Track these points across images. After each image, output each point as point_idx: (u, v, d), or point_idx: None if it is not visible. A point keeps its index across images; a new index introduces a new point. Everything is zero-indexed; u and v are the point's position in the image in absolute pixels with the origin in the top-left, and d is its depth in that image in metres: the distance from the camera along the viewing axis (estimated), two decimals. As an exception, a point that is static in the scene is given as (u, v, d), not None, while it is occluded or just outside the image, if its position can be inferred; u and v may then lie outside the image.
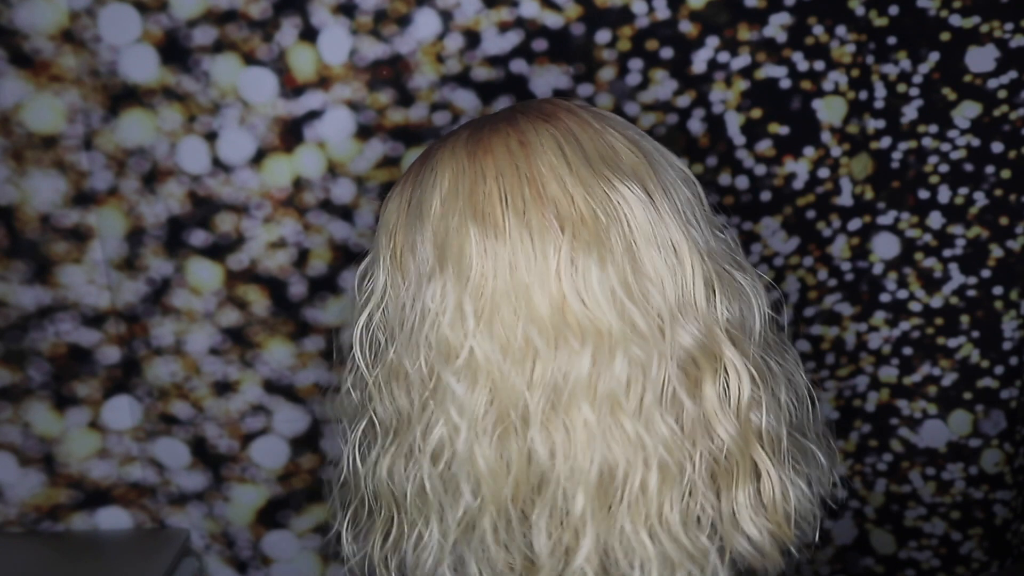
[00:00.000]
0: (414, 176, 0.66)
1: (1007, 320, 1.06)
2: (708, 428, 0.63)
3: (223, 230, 0.96)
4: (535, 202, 0.61)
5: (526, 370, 0.61)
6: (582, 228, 0.61)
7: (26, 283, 0.96)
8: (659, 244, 0.62)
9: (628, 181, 0.62)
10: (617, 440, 0.61)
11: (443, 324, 0.62)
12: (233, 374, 1.00)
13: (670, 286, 0.62)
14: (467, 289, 0.61)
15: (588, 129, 0.64)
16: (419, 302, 0.63)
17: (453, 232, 0.62)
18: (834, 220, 1.02)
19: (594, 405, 0.61)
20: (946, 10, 0.96)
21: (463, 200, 0.62)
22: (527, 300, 0.60)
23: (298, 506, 1.04)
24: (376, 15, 0.92)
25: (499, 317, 0.61)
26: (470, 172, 0.63)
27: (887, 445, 1.10)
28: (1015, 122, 1.00)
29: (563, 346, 0.60)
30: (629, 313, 0.60)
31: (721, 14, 0.94)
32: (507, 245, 0.61)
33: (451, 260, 0.62)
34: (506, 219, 0.61)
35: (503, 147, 0.63)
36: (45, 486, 1.03)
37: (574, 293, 0.60)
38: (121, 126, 0.93)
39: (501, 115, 0.66)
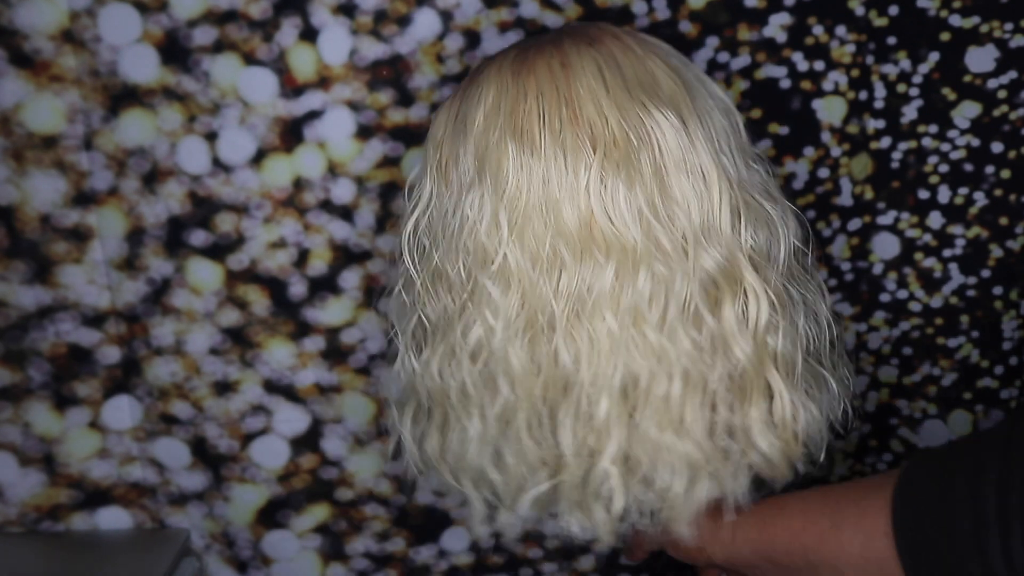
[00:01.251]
0: (462, 92, 0.70)
1: (1007, 320, 1.06)
2: (726, 346, 0.65)
3: (223, 230, 0.96)
4: (570, 122, 0.64)
5: (553, 279, 0.65)
6: (613, 149, 0.64)
7: (26, 283, 0.96)
8: (688, 169, 0.65)
9: (663, 107, 0.65)
10: (640, 350, 0.64)
11: (480, 232, 0.66)
12: (233, 374, 1.00)
13: (696, 210, 0.65)
14: (503, 200, 0.65)
15: (630, 55, 0.67)
16: (459, 210, 0.68)
17: (493, 146, 0.66)
18: (834, 220, 1.02)
19: (617, 316, 0.64)
20: (946, 10, 0.96)
21: (504, 116, 0.66)
22: (557, 214, 0.64)
23: (298, 506, 1.04)
24: (376, 15, 0.92)
25: (530, 228, 0.65)
26: (513, 90, 0.66)
27: (887, 445, 1.10)
28: (1015, 122, 1.00)
29: (588, 259, 0.64)
30: (654, 232, 0.64)
31: (721, 14, 0.94)
32: (541, 161, 0.64)
33: (489, 172, 0.66)
34: (542, 137, 0.64)
35: (545, 67, 0.66)
36: (45, 486, 1.03)
37: (601, 210, 0.64)
38: (121, 126, 0.93)
39: (548, 37, 0.70)
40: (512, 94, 0.66)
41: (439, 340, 0.71)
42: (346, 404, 1.02)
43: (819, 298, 0.74)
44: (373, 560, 1.07)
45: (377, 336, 1.00)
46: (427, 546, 1.07)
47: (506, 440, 0.69)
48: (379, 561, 1.07)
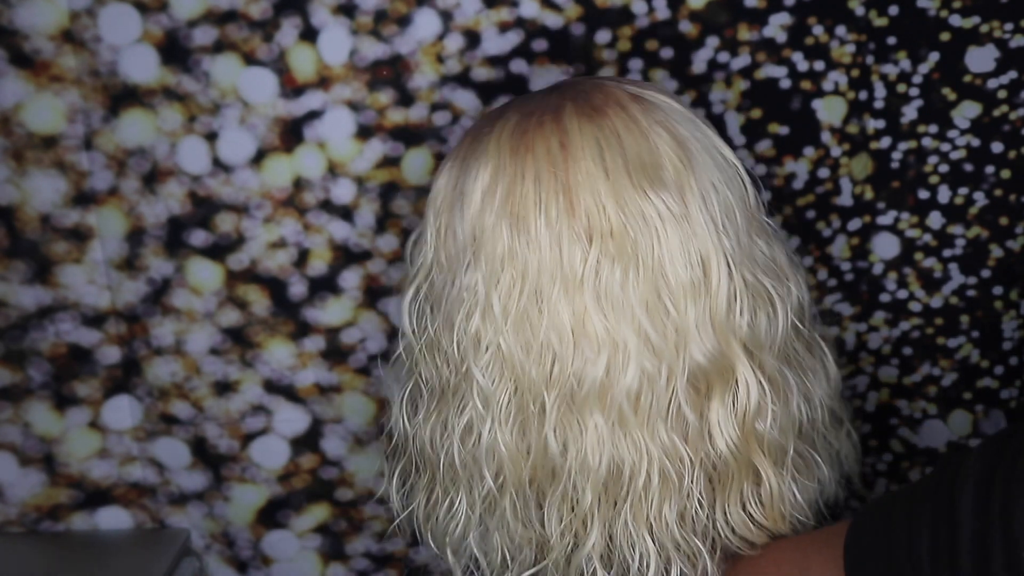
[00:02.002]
0: (462, 157, 0.68)
1: (1007, 320, 1.06)
2: (711, 439, 0.65)
3: (223, 230, 0.96)
4: (567, 212, 0.63)
5: (545, 369, 0.64)
6: (610, 241, 0.62)
7: (26, 283, 0.96)
8: (688, 260, 0.63)
9: (664, 193, 0.63)
10: (624, 443, 0.64)
11: (475, 316, 0.65)
12: (233, 374, 1.00)
13: (691, 303, 0.63)
14: (497, 288, 0.64)
15: (634, 130, 0.65)
16: (455, 287, 0.67)
17: (489, 229, 0.65)
18: (834, 220, 1.02)
19: (604, 410, 0.64)
20: (946, 10, 0.96)
21: (500, 199, 0.64)
22: (551, 307, 0.63)
23: (298, 506, 1.04)
24: (376, 15, 0.92)
25: (526, 318, 0.64)
26: (510, 170, 0.64)
27: (887, 445, 1.10)
28: (1015, 122, 1.00)
29: (580, 352, 0.63)
30: (645, 329, 0.63)
31: (721, 14, 0.94)
32: (537, 251, 0.63)
33: (485, 256, 0.65)
34: (537, 225, 0.63)
35: (544, 148, 0.64)
36: (45, 486, 1.03)
37: (595, 304, 0.63)
38: (121, 126, 0.93)
39: (551, 101, 0.67)
40: (509, 175, 0.64)
41: (433, 408, 0.70)
42: (346, 404, 1.02)
43: (820, 376, 0.73)
44: (373, 560, 1.07)
45: (377, 336, 1.00)
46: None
47: (491, 518, 0.70)
48: (379, 561, 1.07)
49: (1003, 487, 0.51)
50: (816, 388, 0.72)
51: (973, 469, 0.54)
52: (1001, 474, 0.52)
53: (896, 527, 0.57)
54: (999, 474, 0.52)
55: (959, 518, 0.53)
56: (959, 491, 0.53)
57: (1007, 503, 0.51)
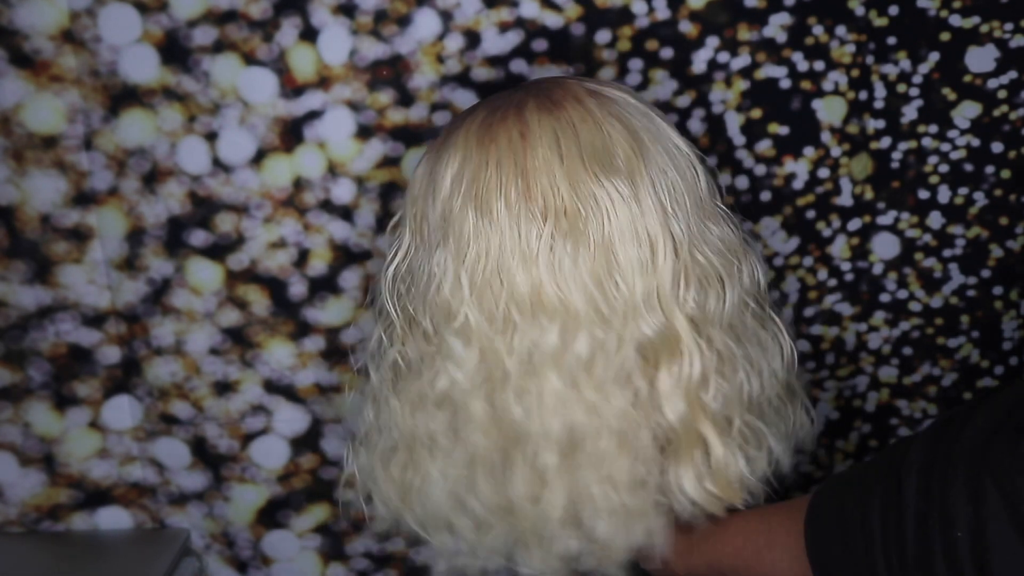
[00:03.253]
0: (436, 150, 0.74)
1: (1007, 320, 1.06)
2: (658, 407, 0.71)
3: (223, 230, 0.96)
4: (524, 194, 0.69)
5: (507, 338, 0.70)
6: (563, 220, 0.68)
7: (26, 283, 0.96)
8: (636, 238, 0.69)
9: (615, 178, 0.69)
10: (579, 407, 0.70)
11: (444, 289, 0.71)
12: (233, 374, 1.00)
13: (639, 279, 0.69)
14: (464, 264, 0.70)
15: (588, 121, 0.70)
16: (427, 266, 0.73)
17: (456, 212, 0.70)
18: (834, 220, 1.02)
19: (560, 375, 0.70)
20: (946, 10, 0.96)
21: (466, 184, 0.70)
22: (510, 279, 0.69)
23: (298, 506, 1.04)
24: (376, 15, 0.92)
25: (489, 291, 0.70)
26: (476, 158, 0.70)
27: (887, 445, 1.10)
28: (1015, 122, 1.00)
29: (536, 321, 0.69)
30: (595, 300, 0.68)
31: (721, 14, 0.94)
32: (497, 230, 0.69)
33: (453, 236, 0.71)
34: (498, 207, 0.69)
35: (506, 138, 0.70)
36: (45, 486, 1.03)
37: (550, 277, 0.68)
38: (121, 126, 0.93)
39: (515, 99, 0.73)
40: (475, 162, 0.70)
41: (412, 382, 0.76)
42: (346, 404, 1.02)
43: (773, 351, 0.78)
44: (373, 560, 1.07)
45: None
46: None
47: (467, 485, 0.75)
48: (379, 561, 1.07)
49: (940, 472, 0.57)
50: (767, 362, 0.77)
51: (916, 455, 0.59)
52: (940, 460, 0.58)
53: (850, 506, 0.62)
54: (938, 460, 0.58)
55: (905, 501, 0.58)
56: (905, 475, 0.59)
57: (943, 487, 0.57)
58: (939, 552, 0.56)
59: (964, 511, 0.55)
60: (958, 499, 0.55)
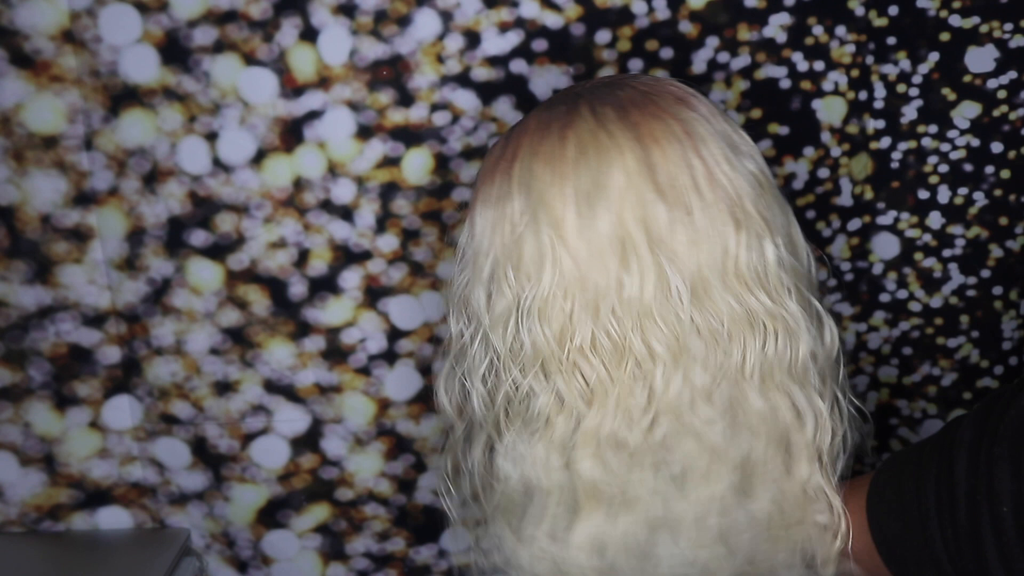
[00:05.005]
0: (575, 166, 0.63)
1: (1007, 320, 1.06)
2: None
3: (223, 230, 0.96)
4: (711, 189, 0.62)
5: (734, 350, 0.64)
6: (749, 221, 0.63)
7: (27, 283, 0.96)
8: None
9: (753, 163, 0.66)
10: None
11: (660, 301, 0.62)
12: (233, 374, 1.00)
13: (808, 272, 0.68)
14: (674, 266, 0.62)
15: (715, 112, 0.66)
16: (621, 278, 0.62)
17: (646, 205, 0.62)
18: (834, 220, 1.02)
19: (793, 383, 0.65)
20: (946, 10, 0.96)
21: (645, 179, 0.62)
22: (716, 282, 0.62)
23: (298, 506, 1.04)
24: (376, 15, 0.92)
25: (702, 290, 0.62)
26: (640, 153, 0.62)
27: (887, 445, 1.10)
28: (1015, 122, 1.00)
29: (752, 329, 0.63)
30: (803, 297, 0.65)
31: (721, 14, 0.94)
32: (696, 228, 0.62)
33: (649, 237, 0.62)
34: (691, 204, 0.62)
35: (670, 133, 0.63)
36: (45, 486, 1.03)
37: (754, 279, 0.63)
38: (121, 126, 0.93)
39: (637, 97, 0.65)
40: (642, 160, 0.62)
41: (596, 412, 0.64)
42: (346, 404, 1.02)
43: None
44: (373, 560, 1.07)
45: (377, 336, 1.00)
46: (427, 546, 1.07)
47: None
48: (379, 561, 1.07)
49: (987, 449, 0.58)
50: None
51: (967, 432, 0.61)
52: (986, 437, 0.59)
53: (908, 484, 0.64)
54: (984, 438, 0.59)
55: (956, 478, 0.60)
56: (956, 452, 0.60)
57: (990, 463, 0.58)
58: (988, 527, 0.57)
59: (1009, 487, 0.56)
60: (1003, 475, 0.57)
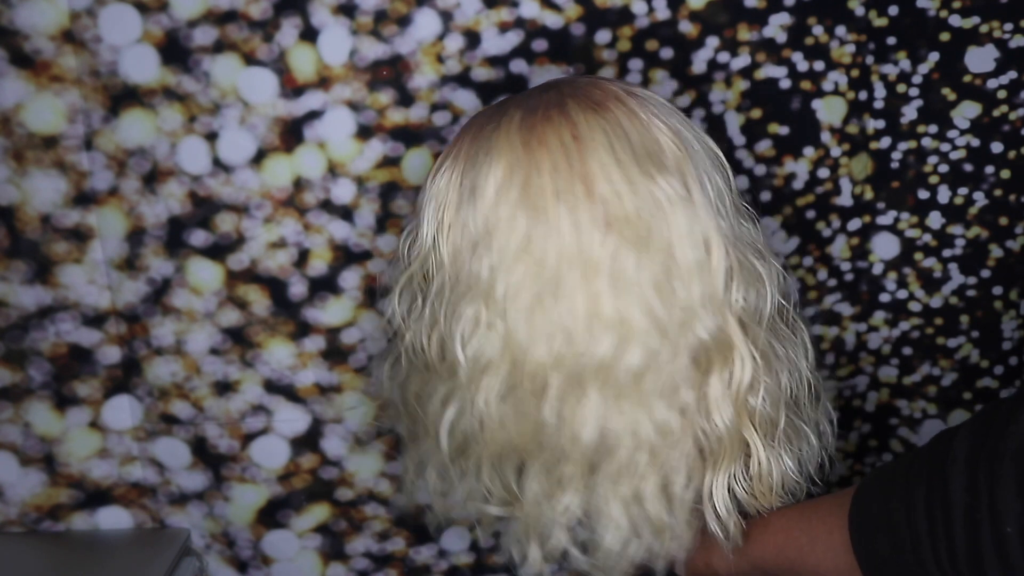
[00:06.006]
0: (466, 155, 0.69)
1: (1007, 320, 1.06)
2: (707, 414, 0.68)
3: (223, 230, 0.96)
4: (586, 200, 0.65)
5: (552, 350, 0.66)
6: (626, 226, 0.64)
7: (26, 283, 0.96)
8: (692, 240, 0.66)
9: (670, 178, 0.66)
10: (618, 419, 0.66)
11: (479, 301, 0.67)
12: (233, 374, 1.00)
13: (696, 281, 0.66)
14: (512, 272, 0.66)
15: (635, 121, 0.67)
16: (465, 275, 0.68)
17: (505, 220, 0.66)
18: (834, 220, 1.02)
19: (603, 387, 0.66)
20: (946, 10, 0.96)
21: (517, 191, 0.66)
22: (567, 291, 0.65)
23: (298, 506, 1.04)
24: (376, 15, 0.92)
25: (540, 303, 0.65)
26: (525, 164, 0.66)
27: (887, 445, 1.11)
28: (1015, 122, 1.00)
29: (590, 334, 0.65)
30: (654, 309, 0.65)
31: (721, 14, 0.94)
32: (557, 239, 0.65)
33: (497, 246, 0.66)
34: (558, 214, 0.65)
35: (557, 140, 0.66)
36: (45, 486, 1.03)
37: (610, 287, 0.64)
38: (121, 126, 0.93)
39: (551, 98, 0.69)
40: (524, 168, 0.66)
41: (422, 378, 0.73)
42: (346, 404, 1.02)
43: (801, 352, 0.75)
44: (373, 560, 1.07)
45: (377, 336, 1.00)
46: (427, 546, 1.07)
47: (463, 473, 0.73)
48: (379, 561, 1.07)
49: (986, 466, 0.56)
50: (800, 361, 0.74)
51: (961, 449, 0.58)
52: (986, 454, 0.56)
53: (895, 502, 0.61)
54: (984, 454, 0.57)
55: (951, 497, 0.57)
56: (950, 470, 0.58)
57: (991, 482, 0.55)
58: (990, 548, 0.55)
59: (1013, 507, 0.54)
60: (1007, 494, 0.55)
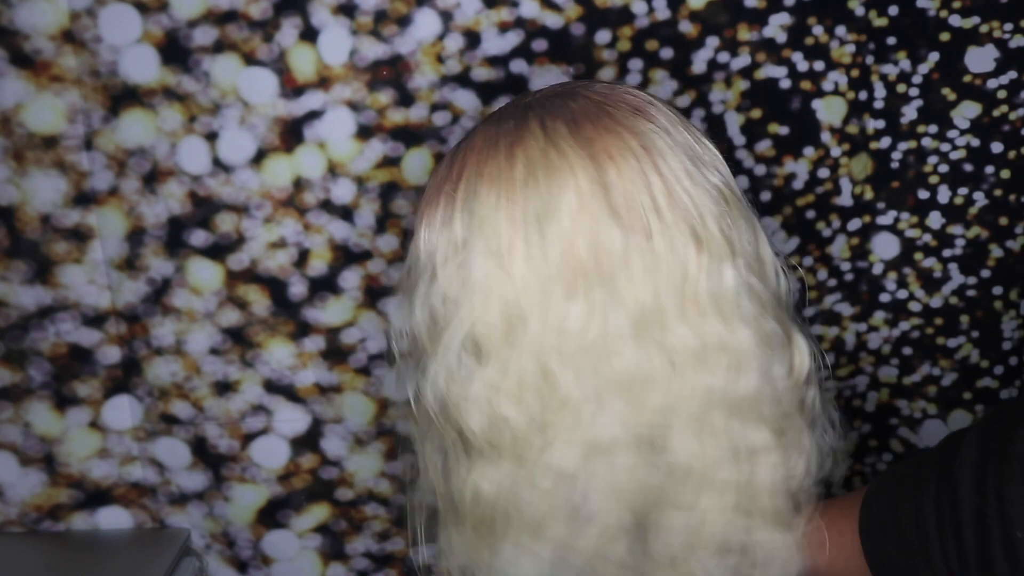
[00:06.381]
0: (522, 189, 0.59)
1: (1007, 320, 1.06)
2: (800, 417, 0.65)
3: (223, 230, 0.96)
4: (670, 208, 0.58)
5: (678, 383, 0.58)
6: (711, 242, 0.58)
7: (27, 283, 0.96)
8: (763, 236, 0.63)
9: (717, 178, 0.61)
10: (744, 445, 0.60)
11: (602, 334, 0.58)
12: (233, 374, 1.00)
13: (771, 274, 0.63)
14: (623, 301, 0.57)
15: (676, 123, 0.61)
16: (561, 310, 0.58)
17: (598, 232, 0.57)
18: (834, 220, 1.02)
19: (726, 413, 0.59)
20: (946, 10, 0.96)
21: (599, 202, 0.58)
22: (670, 317, 0.58)
23: (298, 506, 1.04)
24: (376, 15, 0.92)
25: (653, 329, 0.58)
26: (594, 174, 0.58)
27: (887, 445, 1.10)
28: (1015, 122, 1.00)
29: (707, 366, 0.58)
30: (762, 324, 0.60)
31: (721, 14, 0.94)
32: (654, 255, 0.57)
33: (599, 267, 0.57)
34: (650, 226, 0.57)
35: (627, 150, 0.59)
36: (46, 486, 1.03)
37: (715, 309, 0.58)
38: (121, 126, 0.93)
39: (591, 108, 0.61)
40: (596, 181, 0.58)
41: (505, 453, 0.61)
42: (346, 404, 1.02)
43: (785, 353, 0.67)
44: (373, 560, 1.07)
45: (377, 336, 1.00)
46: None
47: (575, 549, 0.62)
48: (379, 561, 1.07)
49: (996, 469, 0.55)
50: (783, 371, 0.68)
51: (969, 452, 0.57)
52: (994, 457, 0.56)
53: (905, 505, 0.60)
54: (992, 457, 0.56)
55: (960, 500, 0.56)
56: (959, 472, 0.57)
57: (1000, 485, 0.55)
58: (1000, 552, 0.54)
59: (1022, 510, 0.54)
60: (1016, 498, 0.54)
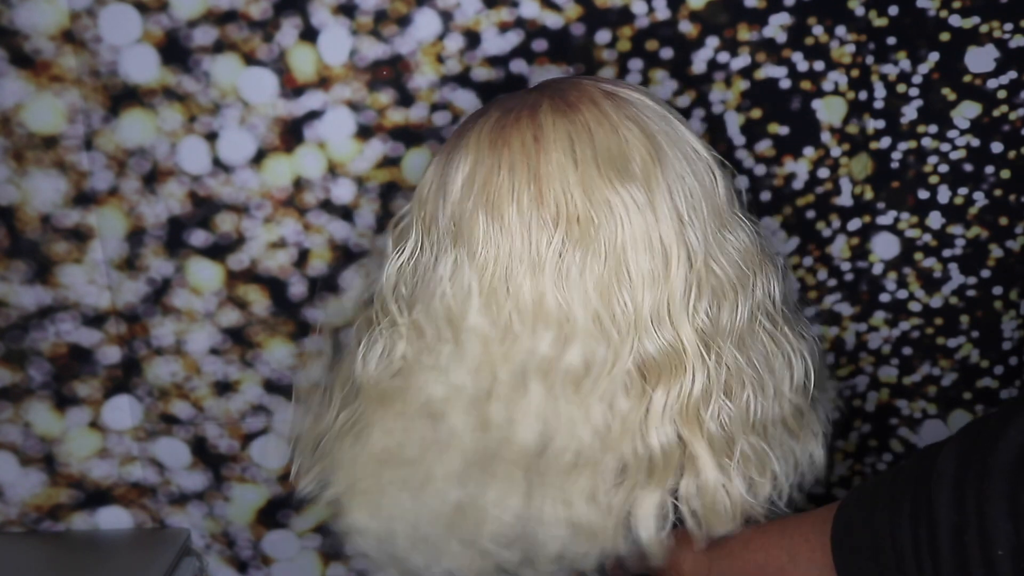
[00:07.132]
0: (448, 151, 0.72)
1: (1007, 320, 1.06)
2: (645, 428, 0.68)
3: (223, 230, 0.96)
4: (536, 200, 0.67)
5: (504, 347, 0.68)
6: (575, 227, 0.66)
7: (26, 283, 0.96)
8: (650, 248, 0.67)
9: (630, 184, 0.66)
10: (557, 420, 0.67)
11: (449, 294, 0.69)
12: (233, 374, 1.00)
13: (649, 292, 0.67)
14: (474, 267, 0.68)
15: (604, 124, 0.68)
16: (434, 269, 0.71)
17: (467, 215, 0.69)
18: (834, 220, 1.02)
19: (545, 385, 0.67)
20: (946, 10, 0.96)
21: (478, 188, 0.68)
22: (516, 287, 0.67)
23: (298, 506, 1.04)
24: (376, 15, 0.92)
25: (495, 298, 0.68)
26: (488, 162, 0.69)
27: (887, 445, 1.10)
28: (1015, 122, 1.00)
29: (534, 331, 0.67)
30: (598, 312, 0.66)
31: (721, 14, 0.94)
32: (507, 236, 0.67)
33: (463, 240, 0.69)
34: (510, 212, 0.67)
35: (519, 141, 0.68)
36: (45, 486, 1.03)
37: (554, 285, 0.66)
38: (121, 126, 0.93)
39: (529, 99, 0.71)
40: (487, 166, 0.68)
41: (400, 383, 0.73)
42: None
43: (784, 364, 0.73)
44: (373, 560, 1.07)
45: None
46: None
47: (427, 499, 0.72)
48: (379, 561, 1.07)
49: (976, 485, 0.54)
50: (775, 383, 0.73)
51: (947, 466, 0.56)
52: (973, 472, 0.54)
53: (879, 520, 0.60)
54: (972, 471, 0.55)
55: (936, 515, 0.56)
56: (936, 487, 0.56)
57: (980, 502, 0.54)
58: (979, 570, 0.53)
59: (1004, 528, 0.52)
60: (997, 515, 0.53)
